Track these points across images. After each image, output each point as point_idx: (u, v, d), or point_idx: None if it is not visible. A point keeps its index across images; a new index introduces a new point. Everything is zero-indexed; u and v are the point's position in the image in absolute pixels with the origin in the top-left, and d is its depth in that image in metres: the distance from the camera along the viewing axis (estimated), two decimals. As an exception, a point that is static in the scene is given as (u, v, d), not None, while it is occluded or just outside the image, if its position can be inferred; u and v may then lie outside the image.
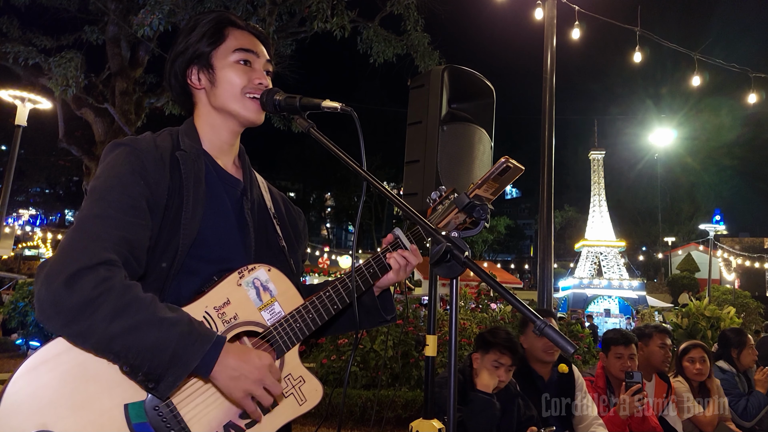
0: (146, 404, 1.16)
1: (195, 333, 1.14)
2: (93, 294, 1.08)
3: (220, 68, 1.43)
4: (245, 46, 1.45)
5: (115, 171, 1.26)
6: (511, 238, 60.82)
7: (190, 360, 1.11)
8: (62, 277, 1.07)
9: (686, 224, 44.71)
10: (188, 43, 1.45)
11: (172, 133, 1.43)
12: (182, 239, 1.29)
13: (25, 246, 28.65)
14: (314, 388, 1.38)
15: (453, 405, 1.34)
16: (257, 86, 1.43)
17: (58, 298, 1.07)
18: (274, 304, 1.36)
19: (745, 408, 3.89)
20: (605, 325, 24.32)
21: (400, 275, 1.51)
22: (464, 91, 2.75)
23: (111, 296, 1.09)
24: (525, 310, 1.11)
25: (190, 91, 1.48)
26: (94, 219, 1.18)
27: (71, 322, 1.07)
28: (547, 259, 6.14)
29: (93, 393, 1.13)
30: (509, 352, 2.71)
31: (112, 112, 11.35)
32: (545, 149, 6.23)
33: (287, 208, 1.66)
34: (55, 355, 1.13)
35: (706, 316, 9.89)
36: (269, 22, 11.03)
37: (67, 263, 1.09)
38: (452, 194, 1.53)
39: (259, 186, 1.57)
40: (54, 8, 11.97)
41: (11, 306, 11.02)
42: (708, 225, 25.52)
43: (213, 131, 1.47)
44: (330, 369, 6.86)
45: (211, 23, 1.45)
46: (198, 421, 1.21)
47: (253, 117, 1.45)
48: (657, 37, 7.61)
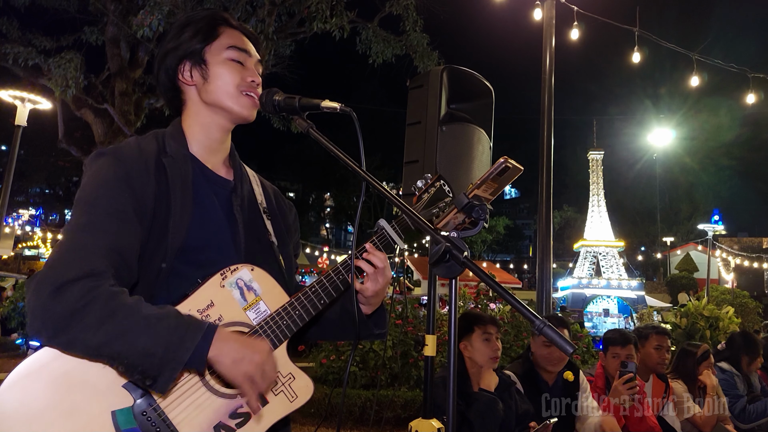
0: (134, 410, 1.17)
1: (183, 325, 1.15)
2: (78, 305, 1.09)
3: (213, 64, 1.42)
4: (238, 44, 1.45)
5: (100, 181, 1.26)
6: (510, 238, 60.74)
7: (182, 353, 1.12)
8: (50, 288, 1.10)
9: (685, 224, 44.69)
10: (181, 39, 1.44)
11: (157, 136, 1.42)
12: (170, 245, 1.29)
13: (25, 246, 28.63)
14: (305, 384, 1.37)
15: (452, 405, 1.35)
16: (250, 84, 1.43)
17: (45, 309, 1.09)
18: (259, 303, 1.35)
19: (743, 409, 3.88)
20: (604, 325, 24.33)
21: (379, 282, 1.45)
22: (463, 92, 2.76)
23: (96, 305, 1.10)
24: (524, 310, 1.11)
25: (180, 88, 1.47)
26: (81, 229, 1.20)
27: (59, 332, 1.10)
28: (546, 259, 6.15)
29: (80, 401, 1.14)
30: (491, 321, 2.85)
31: (112, 113, 11.34)
32: (544, 149, 6.24)
33: (279, 201, 1.65)
34: (42, 365, 1.14)
35: (704, 316, 9.88)
36: (268, 23, 11.02)
37: (54, 275, 1.11)
38: (437, 182, 1.52)
39: (250, 182, 1.56)
40: (54, 9, 11.98)
41: (11, 306, 11.02)
42: (707, 225, 25.52)
43: (202, 130, 1.45)
44: (329, 369, 6.86)
45: (204, 20, 1.45)
46: (188, 423, 1.21)
47: (246, 113, 1.44)
48: (655, 37, 7.61)
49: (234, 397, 1.26)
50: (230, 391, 1.26)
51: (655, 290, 35.65)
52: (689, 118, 40.09)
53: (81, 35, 12.04)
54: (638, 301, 31.34)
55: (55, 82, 9.49)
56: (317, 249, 31.95)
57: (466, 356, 2.81)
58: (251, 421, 1.27)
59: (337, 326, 1.57)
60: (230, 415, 1.25)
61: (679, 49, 7.93)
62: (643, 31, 7.56)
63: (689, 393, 3.65)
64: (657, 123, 34.50)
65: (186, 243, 1.31)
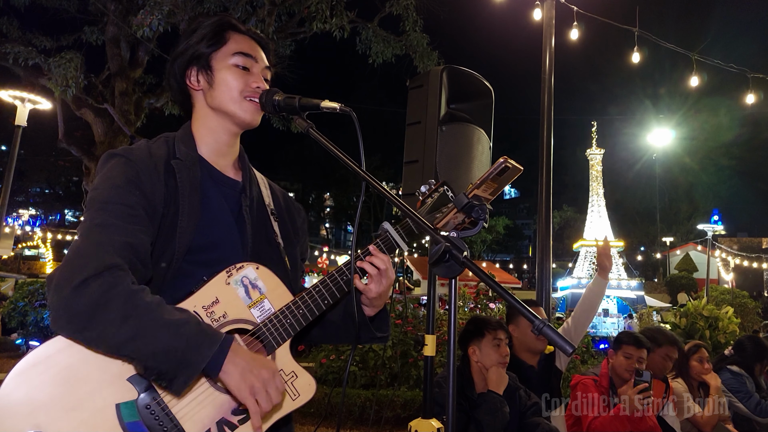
0: (138, 403, 1.18)
1: (203, 334, 1.17)
2: (101, 300, 1.11)
3: (218, 70, 1.44)
4: (245, 50, 1.47)
5: (112, 181, 1.29)
6: (509, 238, 60.76)
7: (199, 361, 1.14)
8: (71, 285, 1.11)
9: (684, 224, 44.73)
10: (188, 44, 1.46)
11: (168, 140, 1.45)
12: (178, 246, 1.31)
13: (25, 246, 28.61)
14: (307, 382, 1.38)
15: (452, 404, 1.35)
16: (255, 90, 1.44)
17: (68, 306, 1.11)
18: (264, 301, 1.37)
19: (758, 404, 3.90)
20: (603, 324, 24.32)
21: (383, 283, 1.46)
22: (463, 92, 2.76)
23: (118, 301, 1.12)
24: (523, 309, 1.12)
25: (189, 92, 1.50)
26: (96, 228, 1.22)
27: (83, 328, 1.12)
28: (545, 259, 6.15)
29: (85, 394, 1.15)
30: (500, 327, 2.91)
31: (112, 113, 11.34)
32: (544, 149, 6.23)
33: (287, 204, 1.67)
34: (47, 357, 1.15)
35: (704, 316, 9.90)
36: (268, 23, 11.03)
37: (75, 271, 1.13)
38: (441, 187, 1.53)
39: (259, 184, 1.58)
40: (54, 9, 11.97)
41: (11, 306, 11.02)
42: (706, 225, 25.56)
43: (211, 134, 1.48)
44: (329, 368, 6.86)
45: (212, 26, 1.47)
46: (190, 418, 1.22)
47: (250, 119, 1.46)
48: (655, 37, 7.61)
49: None
50: None
51: (655, 290, 35.68)
52: (689, 119, 40.14)
53: (81, 35, 12.03)
54: (638, 301, 31.34)
55: (55, 82, 9.49)
56: (317, 249, 31.96)
57: (474, 360, 2.82)
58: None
59: (340, 328, 1.58)
60: (233, 411, 1.26)
61: (678, 49, 7.93)
62: (642, 32, 7.56)
63: (689, 393, 3.65)
64: (657, 123, 34.49)
65: (194, 243, 1.34)
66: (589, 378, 3.25)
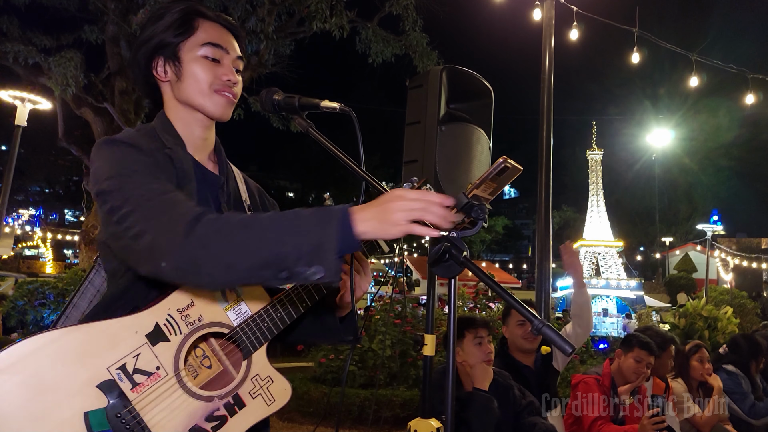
0: (108, 411, 1.13)
1: (319, 210, 1.07)
2: (210, 231, 1.06)
3: (186, 62, 1.36)
4: (214, 40, 1.38)
5: (131, 158, 1.24)
6: (509, 238, 60.76)
7: (330, 230, 1.03)
8: (180, 235, 1.05)
9: (684, 224, 44.72)
10: (154, 31, 1.37)
11: (150, 132, 1.38)
12: None
13: (25, 246, 28.60)
14: (283, 387, 1.34)
15: (451, 404, 1.35)
16: (225, 83, 1.38)
17: (186, 249, 1.05)
18: (241, 303, 1.32)
19: (752, 406, 3.90)
20: (603, 324, 24.32)
21: (361, 288, 1.43)
22: (463, 92, 2.75)
23: (230, 221, 1.08)
24: (523, 309, 1.11)
25: (155, 83, 1.42)
26: (151, 197, 1.16)
27: (223, 253, 1.05)
28: (545, 259, 6.15)
29: (51, 403, 1.10)
30: (482, 325, 2.88)
31: (112, 112, 11.35)
32: (543, 149, 6.24)
33: (262, 199, 1.62)
34: (9, 365, 1.09)
35: (703, 316, 9.90)
36: (268, 22, 11.03)
37: (170, 227, 1.07)
38: (424, 185, 1.53)
39: (235, 178, 1.53)
40: (54, 8, 11.96)
41: (10, 305, 11.00)
42: (705, 225, 25.54)
43: (184, 126, 1.41)
44: (328, 368, 6.86)
45: (180, 13, 1.37)
46: (163, 426, 1.18)
47: (220, 113, 1.40)
48: (655, 37, 7.62)
49: (211, 399, 1.24)
50: (207, 393, 1.24)
51: (654, 290, 35.67)
52: (688, 119, 40.17)
53: (81, 34, 12.04)
54: (637, 301, 31.35)
55: (55, 81, 9.49)
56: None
57: (459, 360, 2.82)
58: (227, 424, 1.25)
59: (306, 327, 1.55)
60: (206, 418, 1.23)
61: (678, 49, 7.94)
62: (642, 32, 7.56)
63: (689, 393, 3.66)
64: (656, 123, 34.55)
65: None
66: (591, 377, 3.22)
